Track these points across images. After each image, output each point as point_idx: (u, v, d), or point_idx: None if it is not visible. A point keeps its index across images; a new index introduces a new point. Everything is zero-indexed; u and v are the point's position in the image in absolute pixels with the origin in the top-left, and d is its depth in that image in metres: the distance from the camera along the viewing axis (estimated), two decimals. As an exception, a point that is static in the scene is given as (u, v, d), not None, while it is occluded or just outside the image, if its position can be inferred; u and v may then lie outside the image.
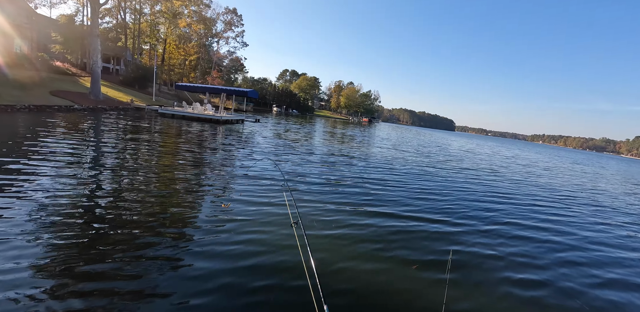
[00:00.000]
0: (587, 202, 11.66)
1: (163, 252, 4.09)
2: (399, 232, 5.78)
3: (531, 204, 9.69)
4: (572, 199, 11.86)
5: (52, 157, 8.01)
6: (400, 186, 9.69)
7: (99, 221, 4.75)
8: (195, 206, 5.91)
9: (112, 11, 46.96)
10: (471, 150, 32.01)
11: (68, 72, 32.78)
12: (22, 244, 3.85)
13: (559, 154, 66.88)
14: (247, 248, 4.47)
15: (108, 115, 20.51)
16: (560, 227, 7.56)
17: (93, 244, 4.06)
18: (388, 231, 5.81)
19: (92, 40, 25.44)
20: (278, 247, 4.59)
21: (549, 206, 9.77)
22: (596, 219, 9.03)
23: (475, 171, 15.52)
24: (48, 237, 4.10)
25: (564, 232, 7.21)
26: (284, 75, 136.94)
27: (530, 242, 6.28)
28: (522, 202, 9.79)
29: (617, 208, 11.24)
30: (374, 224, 6.07)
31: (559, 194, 12.35)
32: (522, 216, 8.10)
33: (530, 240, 6.38)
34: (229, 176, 8.49)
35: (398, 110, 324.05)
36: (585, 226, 8.07)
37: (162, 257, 3.96)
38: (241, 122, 29.29)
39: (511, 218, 7.77)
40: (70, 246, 3.96)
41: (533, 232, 6.90)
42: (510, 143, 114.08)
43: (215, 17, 58.16)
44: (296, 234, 2.85)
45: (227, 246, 4.46)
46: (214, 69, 64.96)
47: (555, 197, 11.53)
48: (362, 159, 14.80)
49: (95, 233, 4.37)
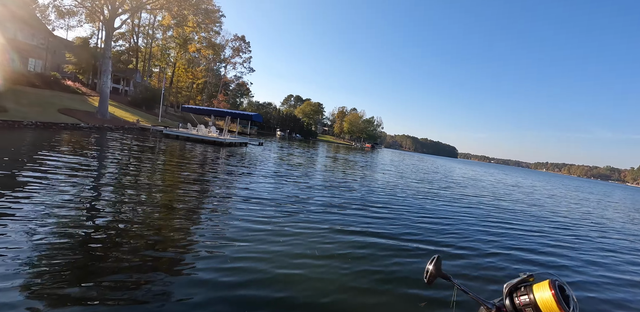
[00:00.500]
0: (592, 229, 11.39)
1: (156, 275, 3.95)
2: (400, 264, 5.55)
3: (535, 233, 9.43)
4: (578, 226, 11.58)
5: (53, 174, 7.96)
6: (402, 213, 9.49)
7: (93, 241, 4.65)
8: (192, 229, 5.76)
9: (126, 35, 48.88)
10: (474, 178, 31.80)
11: (78, 91, 33.57)
12: (15, 260, 3.77)
13: (563, 182, 66.35)
14: (241, 274, 4.29)
15: (113, 135, 20.71)
16: (566, 259, 7.30)
17: (85, 264, 3.95)
18: (390, 261, 5.58)
19: (104, 61, 26.25)
20: (273, 274, 4.41)
21: (553, 236, 9.50)
22: (602, 246, 8.77)
23: (478, 198, 15.30)
24: (42, 254, 4.01)
25: (570, 264, 6.94)
26: (289, 100, 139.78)
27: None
28: (526, 230, 9.58)
29: (624, 236, 10.90)
30: (373, 253, 5.86)
31: (563, 223, 12.06)
32: (527, 244, 7.88)
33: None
34: (229, 199, 8.36)
35: (401, 136, 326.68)
36: (591, 257, 7.79)
37: (155, 281, 3.82)
38: (245, 145, 29.44)
39: (516, 246, 7.56)
40: (62, 264, 3.86)
41: (540, 261, 6.69)
42: (513, 171, 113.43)
43: (224, 43, 60.36)
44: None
45: (221, 271, 4.29)
46: (220, 92, 66.45)
47: (560, 227, 11.25)
48: (364, 184, 14.66)
49: (89, 253, 4.27)
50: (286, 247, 5.44)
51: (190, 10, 28.28)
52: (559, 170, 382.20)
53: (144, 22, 48.99)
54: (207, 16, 33.00)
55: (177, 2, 26.24)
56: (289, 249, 5.41)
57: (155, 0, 26.49)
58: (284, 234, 6.07)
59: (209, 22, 37.18)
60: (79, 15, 30.56)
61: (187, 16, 29.46)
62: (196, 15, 30.38)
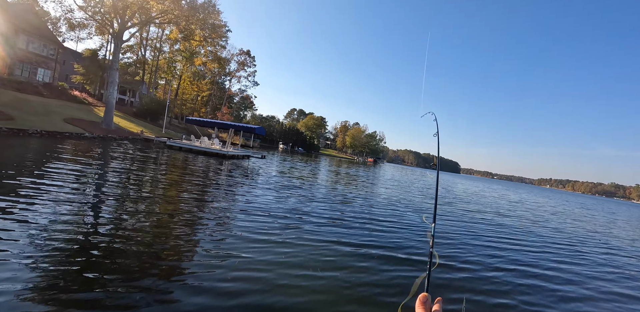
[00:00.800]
0: (597, 248, 11.12)
1: (155, 284, 3.93)
2: (401, 277, 5.43)
3: (539, 250, 9.28)
4: (582, 244, 11.33)
5: (54, 182, 7.96)
6: (405, 227, 9.35)
7: (94, 248, 4.65)
8: (193, 239, 5.72)
9: (134, 48, 49.95)
10: (477, 193, 31.51)
11: (85, 101, 34.00)
12: (18, 266, 3.79)
13: (567, 198, 65.61)
14: (242, 286, 4.21)
15: (116, 145, 20.81)
16: (571, 275, 7.13)
17: (85, 271, 3.95)
18: (391, 275, 5.47)
19: (111, 73, 26.71)
20: (273, 286, 4.32)
21: (557, 253, 9.30)
22: (608, 267, 8.53)
23: (481, 214, 15.10)
24: (43, 261, 4.02)
25: (575, 281, 6.77)
26: (292, 113, 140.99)
27: (541, 290, 5.90)
28: (529, 247, 9.38)
29: (630, 255, 10.64)
30: (375, 266, 5.76)
31: (568, 240, 11.83)
32: (530, 262, 7.71)
33: (541, 288, 6.00)
34: (230, 210, 8.30)
35: (403, 151, 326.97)
36: (596, 274, 7.60)
37: (154, 290, 3.79)
38: (247, 158, 29.49)
39: (519, 264, 7.38)
40: (63, 271, 3.88)
41: (543, 280, 6.52)
42: (517, 187, 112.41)
43: (229, 57, 61.49)
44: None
45: (222, 282, 4.21)
46: (224, 105, 67.18)
47: (564, 243, 11.05)
48: (367, 198, 14.54)
49: (90, 260, 4.27)
50: (287, 259, 5.36)
51: (198, 25, 28.97)
52: (563, 186, 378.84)
53: (152, 35, 50.22)
54: (213, 31, 33.80)
55: (185, 17, 26.91)
56: (290, 260, 5.34)
57: (164, 15, 27.18)
58: (286, 246, 6.00)
59: (215, 36, 38.06)
60: (89, 28, 31.40)
61: (194, 30, 30.15)
62: (203, 29, 31.10)
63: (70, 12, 25.70)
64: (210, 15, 29.40)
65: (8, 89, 24.95)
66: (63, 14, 25.59)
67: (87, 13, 24.83)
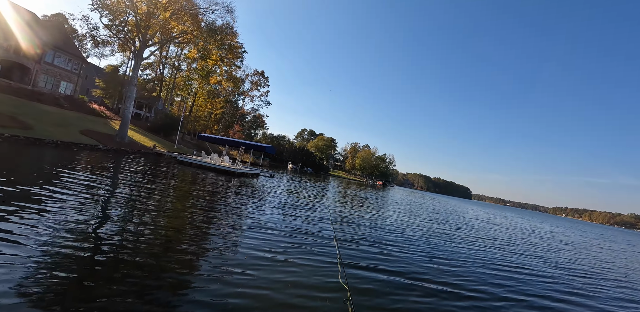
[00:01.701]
0: (612, 281, 10.43)
1: (158, 296, 3.89)
2: (406, 301, 5.16)
3: (551, 279, 9.02)
4: (595, 275, 10.63)
5: (64, 192, 7.90)
6: (412, 252, 8.92)
7: (101, 258, 4.68)
8: (199, 254, 5.63)
9: (153, 65, 51.74)
10: (487, 220, 30.50)
11: (102, 114, 34.87)
12: (24, 273, 3.82)
13: (584, 229, 63.12)
14: (246, 302, 4.13)
15: (128, 158, 20.98)
16: (584, 306, 6.68)
17: (91, 280, 3.97)
18: (393, 298, 5.17)
19: (130, 88, 27.48)
20: (273, 305, 4.23)
21: (568, 284, 8.72)
22: (622, 296, 7.94)
23: (491, 241, 14.41)
24: (49, 268, 4.06)
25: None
26: (302, 134, 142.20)
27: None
28: (541, 276, 9.06)
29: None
30: (379, 288, 5.54)
31: (580, 271, 11.16)
32: (542, 291, 7.42)
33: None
34: (236, 227, 8.10)
35: (413, 175, 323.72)
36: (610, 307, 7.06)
37: (157, 303, 3.75)
38: (256, 177, 29.36)
39: (528, 294, 7.05)
40: (69, 279, 3.90)
41: (555, 308, 6.35)
42: (530, 215, 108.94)
43: (244, 77, 63.10)
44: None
45: (225, 298, 4.11)
46: (236, 123, 68.20)
47: (576, 274, 10.46)
48: (375, 221, 14.10)
49: (96, 269, 4.29)
50: (291, 279, 5.21)
51: (215, 45, 29.93)
52: (580, 216, 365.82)
53: (171, 54, 52.07)
54: (230, 51, 34.86)
55: (203, 37, 27.86)
56: (294, 280, 5.18)
57: (183, 35, 28.23)
58: (290, 265, 5.83)
59: (231, 56, 39.19)
60: (112, 45, 32.79)
61: (212, 50, 31.11)
62: (220, 49, 32.09)
63: (96, 30, 26.91)
64: (228, 37, 30.44)
65: (31, 100, 25.78)
66: (89, 31, 26.81)
67: (111, 31, 25.91)
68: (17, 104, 23.16)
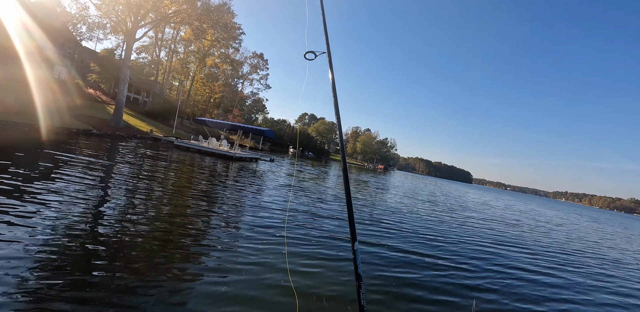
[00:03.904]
0: (595, 256, 10.67)
1: (159, 289, 3.74)
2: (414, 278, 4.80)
3: (532, 256, 9.24)
4: (580, 254, 10.53)
5: (45, 177, 7.55)
6: (408, 230, 8.65)
7: (98, 249, 4.53)
8: (196, 245, 5.35)
9: (149, 48, 50.54)
10: (486, 203, 30.40)
11: (98, 99, 34.31)
12: (22, 264, 3.73)
13: (581, 212, 63.40)
14: (244, 293, 3.94)
15: (123, 143, 20.62)
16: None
17: (86, 274, 3.81)
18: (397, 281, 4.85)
19: (123, 71, 26.77)
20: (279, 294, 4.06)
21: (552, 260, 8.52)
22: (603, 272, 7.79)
23: (487, 222, 14.24)
24: (46, 258, 3.99)
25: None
26: (303, 118, 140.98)
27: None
28: (523, 253, 8.95)
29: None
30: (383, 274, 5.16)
31: (567, 249, 11.15)
32: (522, 266, 7.10)
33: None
34: (232, 217, 7.78)
35: (414, 159, 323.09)
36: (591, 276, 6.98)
37: (157, 294, 3.64)
38: (255, 161, 29.04)
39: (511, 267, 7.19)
40: (67, 270, 3.81)
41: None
42: (529, 199, 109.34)
43: (243, 60, 61.77)
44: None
45: (222, 297, 3.77)
46: (236, 107, 67.37)
47: (562, 252, 10.64)
48: (376, 206, 13.84)
49: (91, 264, 4.10)
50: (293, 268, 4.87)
51: (210, 24, 28.91)
52: (580, 200, 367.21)
53: (167, 36, 50.76)
54: (226, 31, 33.76)
55: (197, 16, 26.87)
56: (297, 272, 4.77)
57: (176, 15, 27.22)
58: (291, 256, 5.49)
59: (227, 36, 38.04)
60: (105, 29, 31.72)
61: (207, 30, 30.13)
62: (215, 29, 31.07)
63: (86, 10, 25.92)
64: (223, 16, 29.36)
65: (23, 86, 25.15)
66: (78, 11, 25.81)
67: (101, 11, 24.97)
68: (8, 89, 22.60)
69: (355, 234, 1.44)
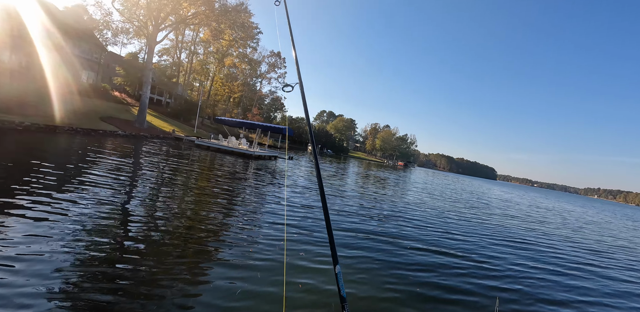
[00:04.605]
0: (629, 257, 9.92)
1: (173, 292, 3.72)
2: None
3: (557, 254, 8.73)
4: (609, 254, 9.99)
5: (74, 178, 7.95)
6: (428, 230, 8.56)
7: (125, 243, 4.80)
8: (218, 248, 5.34)
9: (170, 51, 51.84)
10: (511, 200, 29.52)
11: (123, 101, 35.55)
12: (44, 258, 3.93)
13: (615, 210, 60.32)
14: (263, 288, 4.04)
15: (146, 143, 21.33)
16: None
17: (118, 263, 4.12)
18: (418, 280, 4.85)
19: (146, 73, 27.63)
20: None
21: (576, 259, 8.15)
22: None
23: (510, 219, 13.84)
24: (78, 251, 4.28)
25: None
26: (321, 115, 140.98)
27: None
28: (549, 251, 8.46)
29: None
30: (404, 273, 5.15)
31: (596, 248, 10.55)
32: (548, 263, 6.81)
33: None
34: (251, 213, 7.95)
35: (435, 155, 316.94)
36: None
37: (179, 289, 3.76)
38: (274, 159, 29.36)
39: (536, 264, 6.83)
40: (96, 262, 4.06)
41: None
42: (558, 196, 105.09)
43: (260, 59, 62.33)
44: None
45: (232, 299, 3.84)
46: (255, 106, 68.14)
47: (591, 251, 10.07)
48: (395, 203, 13.75)
49: (121, 255, 4.39)
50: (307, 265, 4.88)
51: (227, 24, 29.33)
52: (614, 197, 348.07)
53: (187, 38, 51.87)
54: (243, 30, 34.17)
55: (215, 17, 27.33)
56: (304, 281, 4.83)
57: (195, 16, 27.79)
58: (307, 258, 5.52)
59: (244, 36, 38.51)
60: (129, 34, 32.65)
61: (224, 30, 30.58)
62: (232, 28, 31.49)
63: (109, 15, 26.85)
64: (240, 15, 29.72)
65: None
66: (103, 17, 26.76)
67: (124, 16, 25.81)
68: (41, 93, 23.79)
69: (336, 257, 1.42)
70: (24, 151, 11.23)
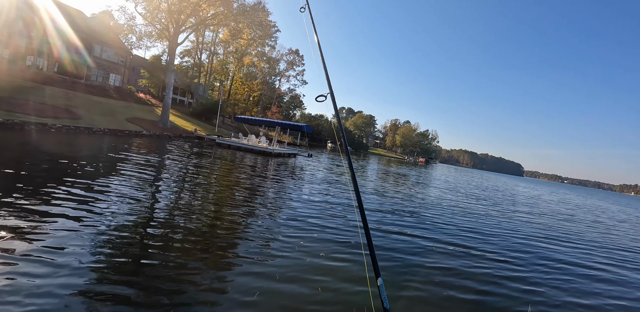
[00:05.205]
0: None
1: (196, 296, 3.71)
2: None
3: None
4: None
5: (100, 176, 8.34)
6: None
7: (150, 238, 5.03)
8: (240, 244, 5.44)
9: (191, 52, 53.08)
10: (539, 197, 28.54)
11: (148, 102, 36.73)
12: (72, 251, 4.17)
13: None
14: (287, 289, 4.08)
15: (169, 142, 22.01)
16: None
17: (142, 258, 4.31)
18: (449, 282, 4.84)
19: (167, 75, 28.43)
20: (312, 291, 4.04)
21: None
22: None
23: (538, 217, 13.40)
24: (106, 245, 4.54)
25: None
26: (340, 112, 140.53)
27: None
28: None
29: None
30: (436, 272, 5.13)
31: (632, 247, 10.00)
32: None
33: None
34: (273, 213, 8.09)
35: (457, 151, 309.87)
36: None
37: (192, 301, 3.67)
38: (294, 156, 29.57)
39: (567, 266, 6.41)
40: (122, 257, 4.27)
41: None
42: (590, 192, 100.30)
43: (279, 57, 62.80)
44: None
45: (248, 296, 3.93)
46: (274, 104, 68.79)
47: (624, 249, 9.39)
48: (416, 200, 13.62)
49: (146, 250, 4.58)
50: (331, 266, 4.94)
51: (245, 23, 29.75)
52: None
53: (207, 39, 52.95)
54: (261, 29, 34.56)
55: (233, 17, 27.77)
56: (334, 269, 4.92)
57: (214, 17, 28.34)
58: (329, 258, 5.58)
59: (262, 35, 38.92)
60: (152, 37, 33.76)
61: (243, 29, 31.00)
62: (250, 28, 31.90)
63: (132, 20, 27.78)
64: (258, 14, 30.06)
65: (83, 93, 27.67)
66: (127, 21, 27.72)
67: (146, 19, 26.66)
68: (71, 96, 24.96)
69: (377, 269, 1.30)
70: (58, 151, 11.86)
